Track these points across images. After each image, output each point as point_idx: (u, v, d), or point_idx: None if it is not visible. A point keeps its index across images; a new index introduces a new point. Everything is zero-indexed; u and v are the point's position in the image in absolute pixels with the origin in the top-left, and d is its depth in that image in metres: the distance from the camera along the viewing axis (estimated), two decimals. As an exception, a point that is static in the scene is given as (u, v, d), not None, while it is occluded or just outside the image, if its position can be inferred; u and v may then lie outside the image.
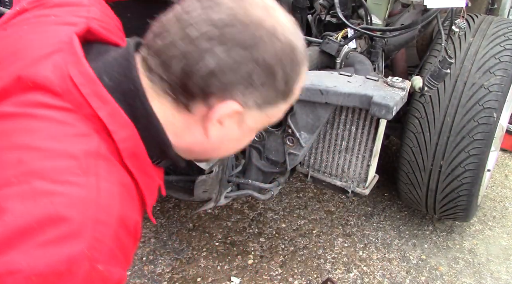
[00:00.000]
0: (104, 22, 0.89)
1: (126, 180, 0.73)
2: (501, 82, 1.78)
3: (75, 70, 0.71)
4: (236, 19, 0.69)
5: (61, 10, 0.87)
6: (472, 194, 1.95)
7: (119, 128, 0.72)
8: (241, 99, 0.72)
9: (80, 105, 0.70)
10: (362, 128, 1.55)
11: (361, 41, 1.77)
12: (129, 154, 0.73)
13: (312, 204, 2.50)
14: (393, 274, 2.11)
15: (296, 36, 0.74)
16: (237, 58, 0.69)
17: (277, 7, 0.75)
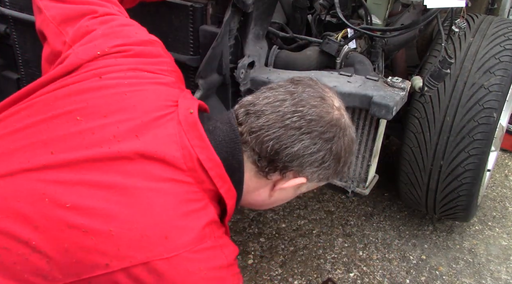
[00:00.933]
0: (177, 72, 1.08)
1: (227, 234, 0.95)
2: (501, 82, 1.78)
3: (204, 155, 0.88)
4: (319, 117, 0.89)
5: (146, 62, 1.01)
6: (472, 194, 1.94)
7: (230, 199, 0.93)
8: (309, 175, 0.93)
9: (202, 182, 0.88)
10: (362, 128, 1.55)
11: (361, 41, 1.77)
12: (229, 215, 0.95)
13: (312, 204, 2.50)
14: (393, 274, 2.11)
15: (353, 130, 0.97)
16: (318, 148, 0.90)
17: (344, 108, 0.96)
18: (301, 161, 0.90)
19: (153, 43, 1.06)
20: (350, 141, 0.95)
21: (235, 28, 1.40)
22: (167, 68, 1.03)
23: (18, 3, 1.68)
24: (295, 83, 0.94)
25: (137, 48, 1.01)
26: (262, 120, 0.89)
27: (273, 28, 1.70)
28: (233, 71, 1.46)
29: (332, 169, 0.94)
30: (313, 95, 0.91)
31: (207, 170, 0.87)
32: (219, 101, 1.52)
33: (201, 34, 1.39)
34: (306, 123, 0.88)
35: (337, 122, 0.92)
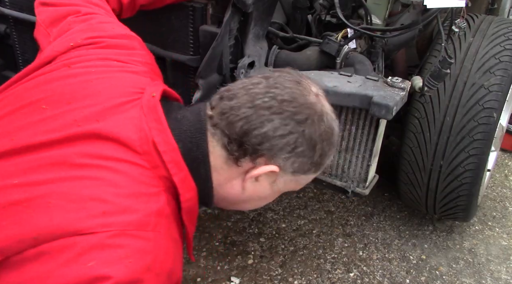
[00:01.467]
0: (153, 65, 1.06)
1: (178, 236, 0.88)
2: (501, 82, 1.78)
3: (159, 138, 0.84)
4: (293, 98, 0.84)
5: (118, 53, 0.99)
6: (472, 194, 1.94)
7: (186, 191, 0.86)
8: (281, 163, 0.86)
9: (157, 167, 0.83)
10: (362, 128, 1.55)
11: (361, 41, 1.77)
12: (187, 211, 0.88)
13: (312, 204, 2.50)
14: (393, 274, 2.11)
15: (336, 123, 0.91)
16: (289, 129, 0.84)
17: (324, 97, 0.91)
18: (271, 144, 0.84)
19: (128, 37, 1.05)
20: (328, 129, 0.88)
21: (235, 28, 1.41)
22: (141, 60, 1.01)
23: (18, 3, 1.68)
24: (274, 71, 0.91)
25: (111, 40, 1.01)
26: (233, 102, 0.85)
27: (273, 28, 1.70)
28: (233, 71, 1.46)
29: (307, 157, 0.87)
30: (289, 79, 0.87)
31: (161, 154, 0.83)
32: (219, 101, 1.52)
33: (201, 34, 1.39)
34: (277, 104, 0.83)
35: (312, 105, 0.86)
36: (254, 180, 0.90)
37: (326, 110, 0.89)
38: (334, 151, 0.93)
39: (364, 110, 1.51)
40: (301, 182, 0.94)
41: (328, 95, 1.41)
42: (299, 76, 0.90)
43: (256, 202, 0.98)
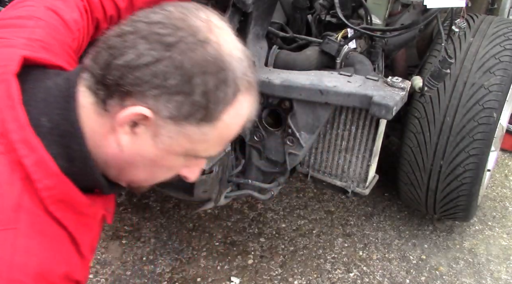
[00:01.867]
0: (48, 43, 0.88)
1: (50, 230, 0.72)
2: (501, 82, 1.78)
3: (9, 115, 0.70)
4: (168, 20, 0.68)
5: (4, 31, 0.86)
6: (472, 194, 1.94)
7: (44, 177, 0.70)
8: (153, 105, 0.68)
9: (10, 150, 0.69)
10: (362, 128, 1.55)
11: (361, 41, 1.77)
12: (54, 201, 0.72)
13: (312, 204, 2.50)
14: (393, 274, 2.11)
15: (236, 59, 0.70)
16: (156, 56, 0.66)
17: (225, 28, 0.72)
18: (135, 76, 0.66)
19: (26, 18, 0.92)
20: (212, 59, 0.67)
21: (235, 28, 1.40)
22: (28, 36, 0.86)
23: (18, 3, 1.68)
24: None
25: (1, 22, 0.90)
26: (103, 37, 0.71)
27: (273, 28, 1.70)
28: (233, 71, 1.45)
29: (184, 94, 0.67)
30: (178, 6, 0.71)
31: (9, 133, 0.69)
32: (219, 101, 1.52)
33: (201, 34, 1.39)
34: (146, 26, 0.68)
35: (191, 28, 0.67)
36: (131, 133, 0.71)
37: (216, 39, 0.69)
38: (235, 98, 0.71)
39: (364, 110, 1.51)
40: (197, 139, 0.72)
41: (328, 95, 1.43)
42: (196, 6, 0.72)
43: (147, 168, 0.77)
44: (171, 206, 2.40)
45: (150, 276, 2.01)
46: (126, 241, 2.18)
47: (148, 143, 0.72)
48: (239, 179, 1.73)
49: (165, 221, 2.30)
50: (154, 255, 2.11)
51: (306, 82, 1.45)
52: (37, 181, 0.70)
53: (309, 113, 1.51)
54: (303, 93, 1.46)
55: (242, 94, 0.71)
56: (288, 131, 1.57)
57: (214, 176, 1.53)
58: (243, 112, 0.74)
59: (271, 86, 1.48)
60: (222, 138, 0.75)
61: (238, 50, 0.72)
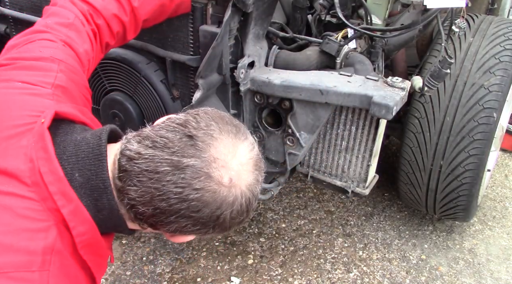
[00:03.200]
0: (70, 90, 0.97)
1: (75, 272, 0.81)
2: (501, 82, 1.78)
3: (46, 168, 0.78)
4: (203, 204, 0.79)
5: (29, 74, 0.93)
6: (472, 194, 1.94)
7: (78, 224, 0.80)
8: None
9: (46, 199, 0.77)
10: (362, 128, 1.55)
11: (361, 41, 1.77)
12: (84, 245, 0.81)
13: (312, 204, 2.50)
14: (393, 274, 2.11)
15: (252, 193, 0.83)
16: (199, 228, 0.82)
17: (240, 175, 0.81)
18: (182, 234, 0.85)
19: (48, 60, 0.99)
20: (240, 209, 0.82)
21: (235, 28, 1.40)
22: (53, 82, 0.94)
23: (18, 3, 1.68)
24: (183, 145, 0.79)
25: (25, 62, 0.96)
26: (138, 192, 0.79)
27: (273, 28, 1.70)
28: (233, 71, 1.46)
29: (220, 232, 0.87)
30: (198, 172, 0.78)
31: (47, 185, 0.77)
32: (219, 101, 1.52)
33: (201, 34, 1.39)
34: (185, 208, 0.79)
35: (222, 202, 0.80)
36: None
37: (238, 192, 0.81)
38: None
39: (364, 110, 1.51)
40: None
41: (328, 95, 1.43)
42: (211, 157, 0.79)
43: None
44: (171, 206, 2.39)
45: (150, 276, 2.01)
46: (126, 241, 2.18)
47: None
48: (239, 179, 1.73)
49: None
50: (154, 255, 2.11)
51: (306, 82, 1.45)
52: (72, 228, 0.79)
53: (309, 113, 1.51)
54: (303, 93, 1.46)
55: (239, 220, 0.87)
56: (288, 131, 1.57)
57: (214, 176, 1.53)
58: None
59: (271, 86, 1.48)
60: None
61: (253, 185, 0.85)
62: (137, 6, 1.22)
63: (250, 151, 0.84)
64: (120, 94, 1.61)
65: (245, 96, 1.54)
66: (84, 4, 1.14)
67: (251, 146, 0.85)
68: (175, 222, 0.80)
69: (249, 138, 0.87)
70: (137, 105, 1.60)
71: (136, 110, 1.60)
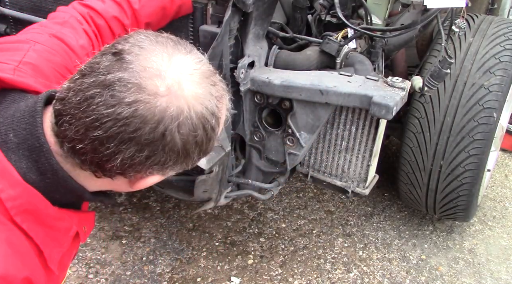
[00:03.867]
0: (38, 66, 0.93)
1: (14, 238, 0.74)
2: (501, 82, 1.78)
3: None
4: (140, 119, 0.69)
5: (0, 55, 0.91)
6: (472, 194, 1.94)
7: (7, 187, 0.73)
8: (156, 172, 0.77)
9: None
10: (362, 128, 1.55)
11: (361, 41, 1.77)
12: (19, 211, 0.74)
13: (312, 204, 2.50)
14: (393, 274, 2.11)
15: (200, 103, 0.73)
16: (147, 154, 0.72)
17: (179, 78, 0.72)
18: (135, 169, 0.74)
19: (23, 42, 0.98)
20: (190, 125, 0.73)
21: (235, 28, 1.40)
22: (20, 59, 0.91)
23: (18, 3, 1.68)
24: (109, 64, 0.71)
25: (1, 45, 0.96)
26: (73, 129, 0.71)
27: (273, 28, 1.70)
28: (233, 71, 1.45)
29: (181, 163, 0.77)
30: (127, 85, 0.69)
31: None
32: (219, 101, 1.52)
33: (201, 34, 1.39)
34: (122, 130, 0.70)
35: (163, 115, 0.70)
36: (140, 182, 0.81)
37: (183, 104, 0.72)
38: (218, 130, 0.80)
39: (364, 110, 1.51)
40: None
41: (328, 95, 1.43)
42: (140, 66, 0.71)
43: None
44: (171, 206, 2.40)
45: (150, 276, 2.01)
46: (126, 241, 2.18)
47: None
48: (239, 179, 1.73)
49: (165, 221, 2.30)
50: (154, 255, 2.11)
51: (306, 82, 1.45)
52: (0, 191, 0.72)
53: (309, 113, 1.51)
54: (303, 93, 1.46)
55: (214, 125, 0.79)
56: (288, 131, 1.57)
57: (214, 176, 1.53)
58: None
59: (271, 86, 1.48)
60: None
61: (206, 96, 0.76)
62: (138, 9, 1.23)
63: (196, 63, 0.76)
64: (120, 94, 1.61)
65: (245, 96, 1.54)
66: (84, 7, 1.16)
67: (198, 59, 0.77)
68: (119, 153, 0.71)
69: (196, 53, 0.78)
70: (137, 105, 1.60)
71: (136, 110, 1.60)
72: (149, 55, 0.71)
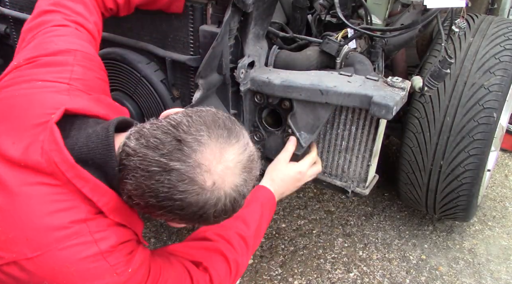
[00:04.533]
0: (87, 80, 1.09)
1: (114, 224, 0.95)
2: (501, 82, 1.78)
3: (58, 158, 0.90)
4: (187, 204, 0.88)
5: (48, 71, 1.04)
6: (472, 194, 1.94)
7: (100, 197, 0.92)
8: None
9: (67, 183, 0.90)
10: (362, 128, 1.55)
11: (361, 41, 1.77)
12: (112, 211, 0.94)
13: (312, 204, 2.50)
14: (393, 274, 2.11)
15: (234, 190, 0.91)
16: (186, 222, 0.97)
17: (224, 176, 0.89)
18: (171, 222, 0.99)
19: (64, 53, 1.09)
20: (224, 208, 0.91)
21: (235, 28, 1.40)
22: (70, 76, 1.06)
23: (18, 3, 1.68)
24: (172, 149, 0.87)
25: (45, 58, 1.07)
26: (133, 185, 0.90)
27: (273, 28, 1.70)
28: (233, 71, 1.45)
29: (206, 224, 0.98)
30: (182, 175, 0.86)
31: (64, 173, 0.90)
32: (219, 101, 1.52)
33: (201, 34, 1.39)
34: (171, 206, 0.88)
35: (205, 204, 0.89)
36: None
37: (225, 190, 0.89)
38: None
39: (364, 110, 1.51)
40: None
41: (328, 95, 1.43)
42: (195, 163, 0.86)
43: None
44: (171, 206, 2.39)
45: (150, 276, 2.01)
46: (126, 241, 2.18)
47: None
48: (239, 179, 1.73)
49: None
50: (154, 255, 2.11)
51: (306, 82, 1.45)
52: (97, 201, 0.92)
53: (309, 113, 1.51)
54: (303, 93, 1.46)
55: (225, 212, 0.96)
56: (288, 131, 1.57)
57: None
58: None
59: (271, 86, 1.48)
60: None
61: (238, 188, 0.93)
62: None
63: (240, 154, 0.90)
64: (120, 94, 1.61)
65: (245, 96, 1.54)
66: None
67: (242, 149, 0.91)
68: (164, 215, 0.91)
69: (242, 140, 0.92)
70: (137, 105, 1.60)
71: (136, 110, 1.60)
72: (205, 151, 0.87)
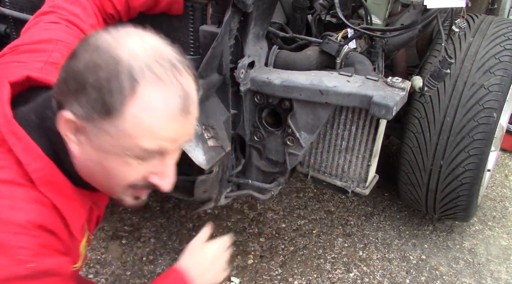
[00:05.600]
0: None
1: (43, 200, 0.82)
2: (501, 82, 1.78)
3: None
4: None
5: (27, 56, 1.00)
6: (472, 194, 1.94)
7: (32, 161, 0.82)
8: (71, 108, 0.78)
9: (2, 141, 0.82)
10: (362, 128, 1.55)
11: (361, 41, 1.77)
12: (43, 182, 0.83)
13: (312, 204, 2.50)
14: (393, 274, 2.11)
15: (133, 53, 0.75)
16: (63, 68, 0.80)
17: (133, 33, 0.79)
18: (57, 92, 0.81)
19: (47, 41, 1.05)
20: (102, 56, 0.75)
21: (235, 28, 1.40)
22: (46, 60, 1.00)
23: (18, 3, 1.68)
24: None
25: (25, 47, 1.04)
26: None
27: (273, 28, 1.70)
28: (233, 71, 1.45)
29: (82, 94, 0.76)
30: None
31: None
32: (219, 101, 1.52)
33: (201, 34, 1.39)
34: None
35: (88, 38, 0.78)
36: (76, 141, 0.81)
37: (114, 41, 0.76)
38: (132, 90, 0.75)
39: (364, 110, 1.51)
40: (113, 133, 0.77)
41: (328, 95, 1.43)
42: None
43: (102, 175, 0.85)
44: (171, 206, 2.40)
45: (150, 276, 2.01)
46: (126, 241, 2.18)
47: (87, 146, 0.81)
48: (239, 179, 1.73)
49: (165, 221, 2.30)
50: (154, 255, 2.11)
51: (306, 82, 1.45)
52: (26, 164, 0.81)
53: (309, 113, 1.51)
54: (303, 93, 1.46)
55: (145, 86, 0.75)
56: (288, 131, 1.57)
57: (214, 176, 1.53)
58: (155, 105, 0.76)
59: (271, 86, 1.48)
60: (144, 130, 0.77)
61: (142, 46, 0.77)
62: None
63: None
64: (120, 94, 1.61)
65: (245, 96, 1.54)
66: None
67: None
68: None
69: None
70: (137, 105, 1.60)
71: (136, 110, 1.60)
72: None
